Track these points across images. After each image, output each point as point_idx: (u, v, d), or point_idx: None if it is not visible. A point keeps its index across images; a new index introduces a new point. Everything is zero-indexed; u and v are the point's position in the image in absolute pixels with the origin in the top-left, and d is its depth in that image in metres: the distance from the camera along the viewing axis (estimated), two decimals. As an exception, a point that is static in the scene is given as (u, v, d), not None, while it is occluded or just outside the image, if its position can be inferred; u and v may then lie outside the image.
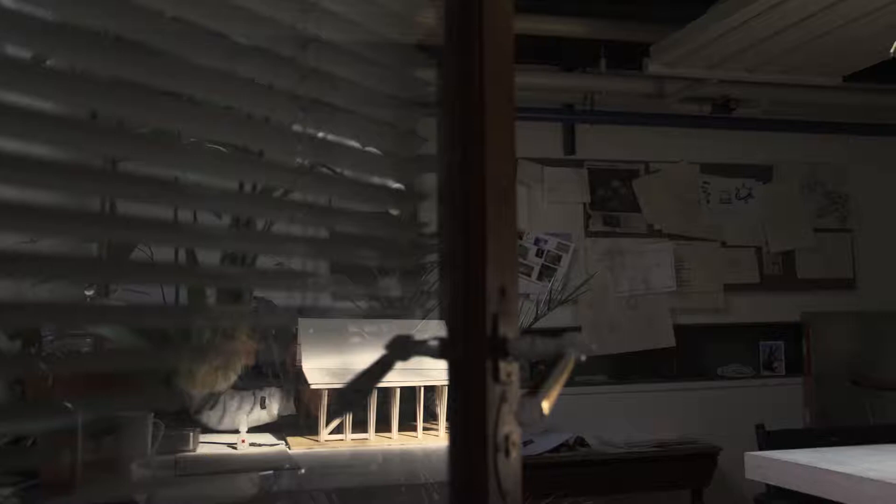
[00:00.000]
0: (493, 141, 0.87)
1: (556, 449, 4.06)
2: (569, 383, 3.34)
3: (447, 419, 0.88)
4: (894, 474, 1.80)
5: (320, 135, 1.02)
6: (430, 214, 1.01)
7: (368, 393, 1.85)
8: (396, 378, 2.18)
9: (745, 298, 4.83)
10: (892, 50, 2.53)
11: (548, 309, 3.45)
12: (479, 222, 0.85)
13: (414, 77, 1.01)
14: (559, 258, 4.50)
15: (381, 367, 0.90)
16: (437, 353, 0.87)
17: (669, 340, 4.61)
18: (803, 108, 4.78)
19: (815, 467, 1.96)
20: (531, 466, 3.53)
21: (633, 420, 4.49)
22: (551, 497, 3.31)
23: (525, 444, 4.06)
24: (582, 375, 4.55)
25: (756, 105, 4.62)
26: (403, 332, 0.93)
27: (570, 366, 0.80)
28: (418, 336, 0.92)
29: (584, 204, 4.62)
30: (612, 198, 4.67)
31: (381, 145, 1.08)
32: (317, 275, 1.19)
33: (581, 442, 4.17)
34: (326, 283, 1.23)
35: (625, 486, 4.11)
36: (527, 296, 4.20)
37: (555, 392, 0.78)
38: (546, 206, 4.56)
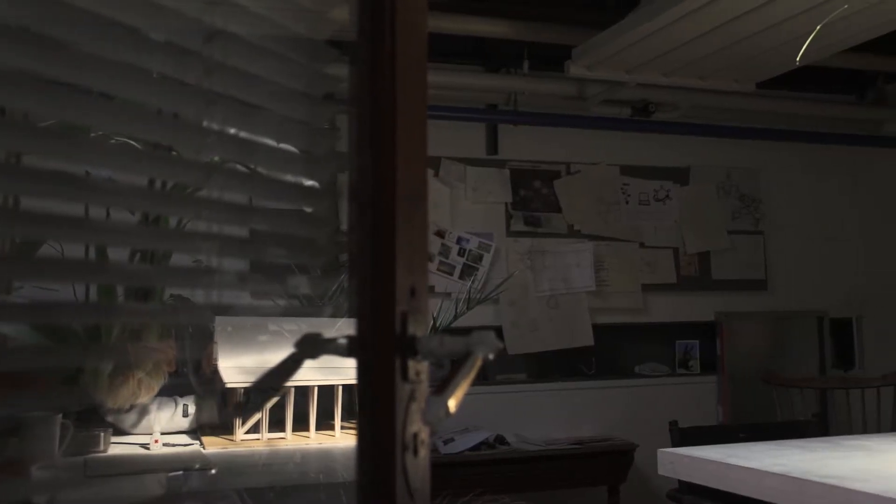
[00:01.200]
0: (404, 140, 0.87)
1: (477, 447, 4.09)
2: (490, 382, 3.40)
3: (355, 418, 0.89)
4: (796, 468, 1.86)
5: (232, 131, 1.01)
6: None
7: (276, 392, 1.83)
8: (315, 377, 2.17)
9: (662, 298, 4.93)
10: (797, 58, 2.62)
11: (467, 308, 3.46)
12: (389, 222, 0.85)
13: (325, 73, 1.00)
14: (481, 257, 4.53)
15: (289, 365, 0.89)
16: (345, 352, 0.87)
17: (588, 339, 4.68)
18: (719, 113, 4.90)
19: (723, 463, 2.01)
20: (452, 465, 3.55)
21: (552, 418, 4.55)
22: (470, 495, 3.33)
23: (446, 442, 4.08)
24: (503, 374, 4.59)
25: (674, 109, 4.72)
26: (320, 330, 0.93)
27: (478, 364, 0.81)
28: (329, 334, 0.92)
29: (506, 204, 4.66)
30: (533, 198, 4.72)
31: (294, 142, 1.07)
32: (235, 272, 1.18)
33: (501, 440, 4.20)
34: (244, 280, 1.22)
35: (543, 484, 4.16)
36: (448, 294, 4.22)
37: (461, 390, 0.79)
38: (468, 206, 4.59)
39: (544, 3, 4.09)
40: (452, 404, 0.77)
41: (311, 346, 0.90)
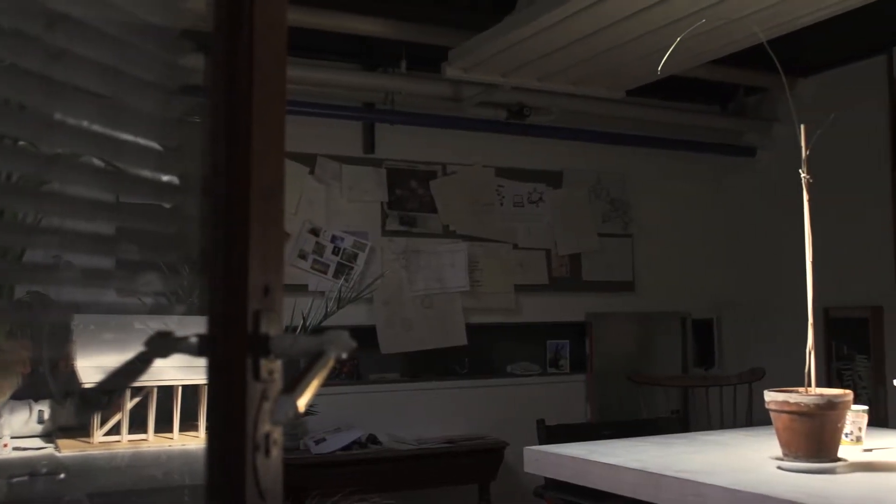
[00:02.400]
0: (260, 135, 0.86)
1: (349, 447, 4.07)
2: (363, 381, 3.37)
3: (206, 418, 0.87)
4: (653, 463, 1.93)
5: (83, 123, 0.97)
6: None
7: (122, 392, 1.78)
8: (178, 376, 2.11)
9: (534, 299, 5.03)
10: (659, 69, 2.72)
11: (337, 307, 3.44)
12: (243, 218, 0.83)
13: (180, 65, 0.98)
14: (356, 256, 4.51)
15: (137, 365, 0.86)
16: (196, 351, 0.85)
17: (462, 339, 4.73)
18: (591, 119, 5.03)
19: (585, 459, 2.06)
20: (323, 464, 3.51)
21: (425, 417, 4.57)
22: (339, 495, 3.31)
23: (317, 442, 4.04)
24: (376, 373, 4.58)
25: (548, 113, 4.82)
26: (181, 328, 0.90)
27: (330, 363, 0.80)
28: (182, 332, 0.89)
29: (382, 203, 4.66)
30: (409, 198, 4.73)
31: (150, 135, 1.04)
32: (95, 269, 1.13)
33: (373, 440, 4.20)
34: (106, 277, 1.17)
35: (415, 482, 4.18)
36: (322, 293, 4.18)
37: (311, 390, 0.78)
38: (344, 204, 4.56)
39: (423, 4, 4.10)
40: (302, 403, 0.76)
41: (161, 345, 0.87)
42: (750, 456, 2.04)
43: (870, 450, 2.09)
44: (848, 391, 1.79)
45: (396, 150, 4.71)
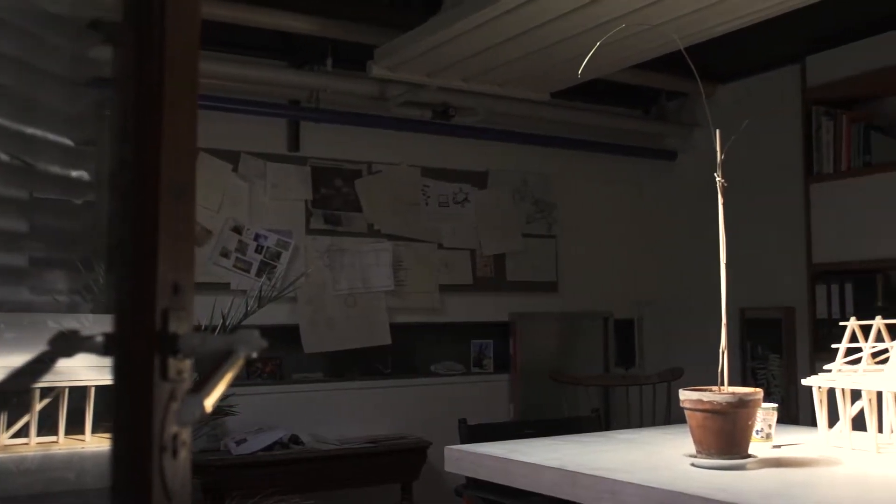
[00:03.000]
0: (171, 130, 0.84)
1: (270, 447, 4.03)
2: (286, 381, 3.33)
3: (113, 418, 0.85)
4: (571, 462, 1.95)
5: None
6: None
7: (29, 393, 1.72)
8: (91, 376, 2.06)
9: (458, 298, 5.05)
10: (579, 72, 2.76)
11: (258, 306, 3.40)
12: (151, 215, 0.82)
13: (89, 57, 0.95)
14: (279, 255, 4.47)
15: (40, 365, 0.84)
16: (102, 350, 0.83)
17: (386, 338, 4.72)
18: (517, 120, 5.07)
19: (504, 458, 2.08)
20: (244, 465, 3.46)
21: (348, 417, 4.55)
22: (259, 496, 3.27)
23: (238, 443, 3.99)
24: (299, 373, 4.54)
25: (474, 114, 4.84)
26: (103, 326, 0.88)
27: (240, 363, 0.79)
28: (88, 331, 0.87)
29: (307, 201, 4.62)
30: (334, 196, 4.70)
31: (58, 130, 1.01)
32: (7, 266, 1.10)
33: (296, 440, 4.16)
34: (20, 274, 1.14)
35: (338, 483, 4.16)
36: (244, 292, 4.12)
37: (219, 389, 0.77)
38: (267, 203, 4.51)
39: (350, 2, 4.08)
40: (209, 403, 0.75)
41: (65, 345, 0.85)
42: (665, 453, 2.08)
43: (779, 446, 2.15)
44: (758, 390, 1.85)
45: (321, 148, 4.68)
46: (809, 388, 2.15)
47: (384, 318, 4.72)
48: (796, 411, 4.69)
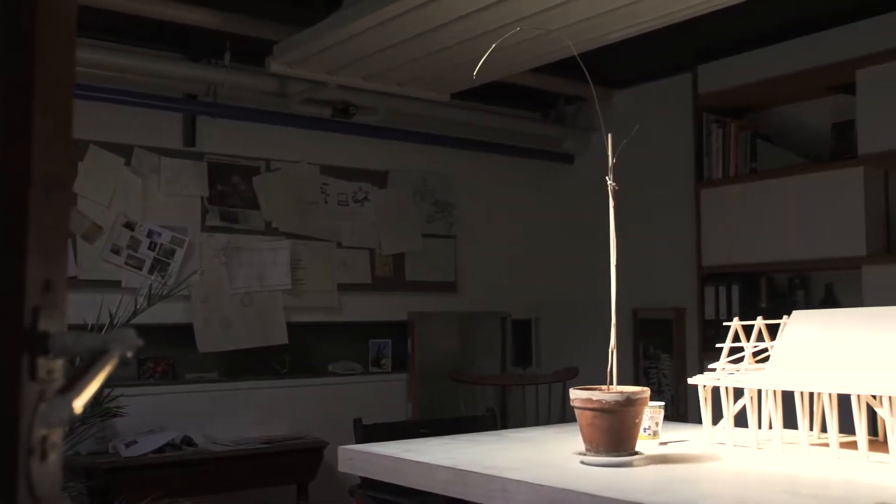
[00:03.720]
0: (42, 121, 0.81)
1: (161, 449, 3.93)
2: (179, 381, 3.24)
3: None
4: (463, 460, 1.96)
5: None
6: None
7: None
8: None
9: (357, 298, 5.02)
10: (474, 73, 2.78)
11: (148, 304, 3.31)
12: (20, 209, 0.78)
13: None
14: (173, 252, 4.36)
15: None
16: (-35, 349, 0.79)
17: (283, 338, 4.66)
18: (418, 120, 5.08)
19: (397, 458, 2.08)
20: (134, 468, 3.36)
21: (243, 418, 4.48)
22: (148, 499, 3.19)
23: (128, 445, 3.88)
24: (193, 373, 4.45)
25: (374, 112, 4.82)
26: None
27: (113, 362, 0.76)
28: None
29: (203, 198, 4.52)
30: (231, 193, 4.62)
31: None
32: None
33: (188, 441, 4.07)
34: None
35: (231, 484, 4.09)
36: (135, 290, 4.01)
37: (90, 390, 0.74)
38: (161, 198, 4.40)
39: (248, -5, 4.01)
40: (78, 404, 0.73)
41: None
42: (556, 451, 2.11)
43: (665, 443, 2.21)
44: (645, 388, 1.89)
45: (218, 143, 4.59)
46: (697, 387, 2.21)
47: (281, 317, 4.67)
48: (686, 409, 4.83)
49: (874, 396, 1.86)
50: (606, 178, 1.92)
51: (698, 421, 2.30)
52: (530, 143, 5.63)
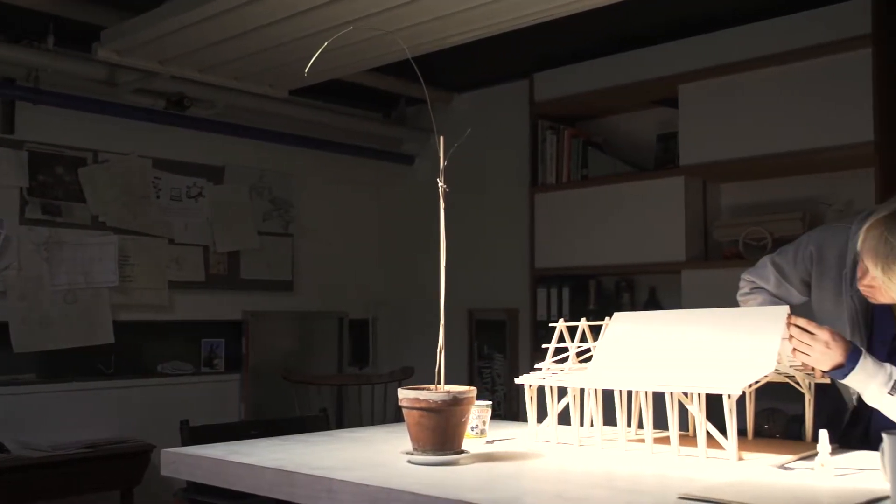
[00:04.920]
0: None
1: (-32, 456, 3.68)
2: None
3: None
4: (290, 462, 1.93)
5: None
6: None
7: None
8: None
9: (189, 296, 4.88)
10: (306, 71, 2.76)
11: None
12: None
13: None
14: (-13, 246, 4.10)
15: None
16: None
17: (108, 337, 4.46)
18: (256, 115, 4.98)
19: (223, 460, 2.02)
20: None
21: (64, 421, 4.26)
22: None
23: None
24: (8, 374, 4.19)
25: (211, 106, 4.69)
26: None
27: None
28: None
29: (22, 189, 4.27)
30: (54, 185, 4.38)
31: None
32: None
33: (0, 447, 3.83)
34: None
35: (49, 492, 3.89)
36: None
37: None
38: (-25, 189, 4.12)
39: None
40: None
41: None
42: (386, 451, 2.11)
43: (492, 441, 2.25)
44: (472, 388, 1.92)
45: (40, 132, 4.34)
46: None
47: (107, 315, 4.47)
48: (518, 408, 4.96)
49: (686, 394, 1.96)
50: (438, 179, 1.94)
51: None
52: (371, 143, 5.63)
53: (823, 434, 1.71)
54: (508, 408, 5.06)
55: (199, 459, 2.12)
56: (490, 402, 2.28)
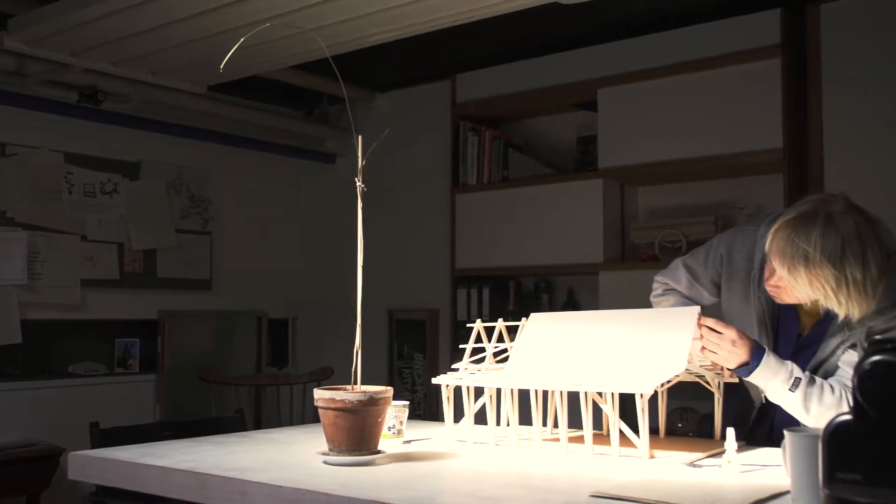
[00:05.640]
0: None
1: None
2: None
3: None
4: (203, 463, 1.90)
5: None
6: None
7: None
8: None
9: (103, 295, 4.76)
10: (221, 67, 2.72)
11: None
12: None
13: None
14: None
15: None
16: None
17: (15, 337, 4.32)
18: (174, 111, 4.88)
19: (133, 462, 1.98)
20: None
21: (-33, 424, 4.11)
22: None
23: None
24: None
25: (126, 100, 4.58)
26: None
27: None
28: None
29: (-76, 182, 4.11)
30: (-41, 179, 4.23)
31: None
32: None
33: None
34: None
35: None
36: None
37: None
38: None
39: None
40: None
41: None
42: (301, 452, 2.09)
43: (409, 441, 2.25)
44: (389, 388, 1.92)
45: (-58, 123, 4.19)
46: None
47: (14, 314, 4.32)
48: (437, 408, 4.96)
49: (600, 394, 2.00)
50: (356, 179, 1.93)
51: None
52: (293, 142, 5.57)
53: (730, 432, 1.76)
54: (428, 408, 5.06)
55: (108, 462, 2.07)
56: (407, 403, 2.28)
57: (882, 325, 1.97)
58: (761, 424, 2.25)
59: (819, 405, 1.99)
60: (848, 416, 1.13)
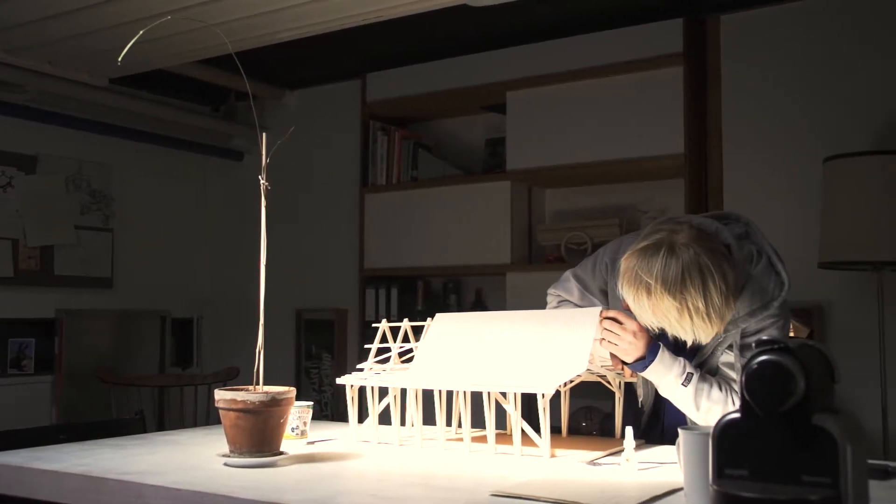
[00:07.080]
0: None
1: None
2: None
3: None
4: (98, 467, 1.85)
5: None
6: None
7: None
8: None
9: (-4, 293, 4.59)
10: (119, 60, 2.65)
11: None
12: None
13: None
14: None
15: None
16: None
17: None
18: (73, 103, 4.73)
19: (22, 467, 1.91)
20: None
21: None
22: None
23: None
24: None
25: (22, 91, 4.42)
26: None
27: None
28: None
29: None
30: None
31: None
32: None
33: None
34: None
35: None
36: None
37: None
38: None
39: None
40: None
41: None
42: (201, 454, 2.06)
43: (313, 442, 2.24)
44: (291, 388, 1.90)
45: None
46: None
47: None
48: (345, 408, 4.94)
49: (503, 393, 2.02)
50: (259, 177, 1.91)
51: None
52: (199, 138, 5.46)
53: (629, 431, 1.80)
54: (336, 408, 5.03)
55: (-7, 467, 2.00)
56: (311, 403, 2.26)
57: (755, 326, 2.05)
58: (653, 425, 2.31)
59: (708, 400, 2.05)
60: (736, 415, 1.17)
